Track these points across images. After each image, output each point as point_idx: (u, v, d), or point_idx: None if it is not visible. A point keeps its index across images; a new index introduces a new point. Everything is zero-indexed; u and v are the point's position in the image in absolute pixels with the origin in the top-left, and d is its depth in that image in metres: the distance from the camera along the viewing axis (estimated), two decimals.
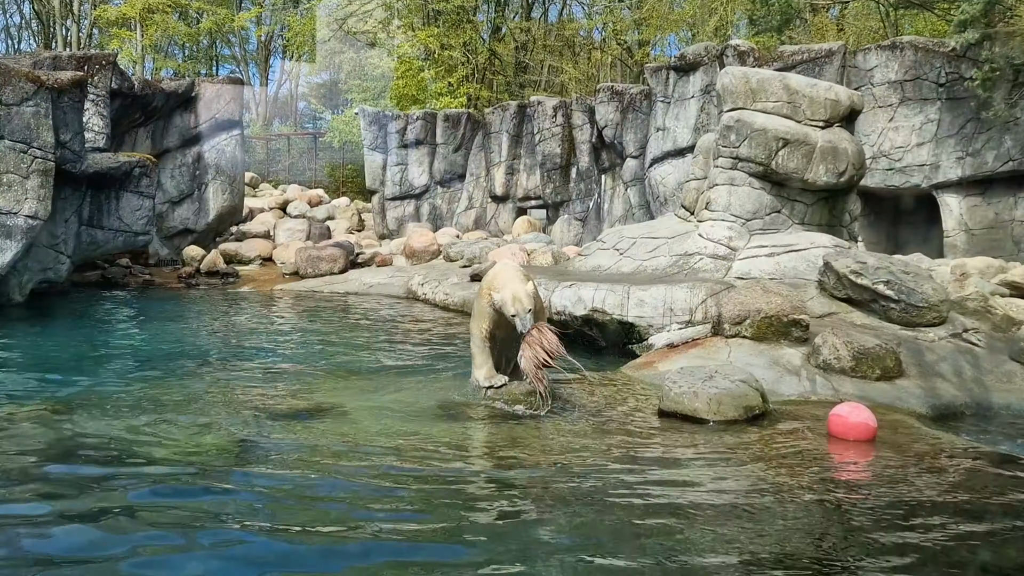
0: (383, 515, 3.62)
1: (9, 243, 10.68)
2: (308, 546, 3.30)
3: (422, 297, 13.71)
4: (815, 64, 15.07)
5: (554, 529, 3.49)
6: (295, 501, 3.83)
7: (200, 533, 3.39)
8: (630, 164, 18.68)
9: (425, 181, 21.47)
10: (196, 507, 3.73)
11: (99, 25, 34.62)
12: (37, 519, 3.56)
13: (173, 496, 3.89)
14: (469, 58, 27.64)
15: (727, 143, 9.60)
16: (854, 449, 4.90)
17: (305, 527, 3.46)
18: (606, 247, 10.50)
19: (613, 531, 3.48)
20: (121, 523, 3.51)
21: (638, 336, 7.92)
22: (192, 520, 3.55)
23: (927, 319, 7.42)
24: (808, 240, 9.09)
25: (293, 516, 3.62)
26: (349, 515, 3.63)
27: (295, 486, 4.04)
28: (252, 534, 3.39)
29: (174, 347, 8.96)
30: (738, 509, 3.76)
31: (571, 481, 4.11)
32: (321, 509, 3.71)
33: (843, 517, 3.74)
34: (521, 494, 4.00)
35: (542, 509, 3.78)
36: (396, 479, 4.12)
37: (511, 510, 3.75)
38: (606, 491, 3.94)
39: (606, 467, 4.38)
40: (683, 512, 3.68)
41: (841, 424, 5.06)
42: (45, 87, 11.04)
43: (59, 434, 4.97)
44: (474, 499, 3.87)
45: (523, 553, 3.23)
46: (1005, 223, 13.98)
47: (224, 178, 18.69)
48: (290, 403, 5.82)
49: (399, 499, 3.83)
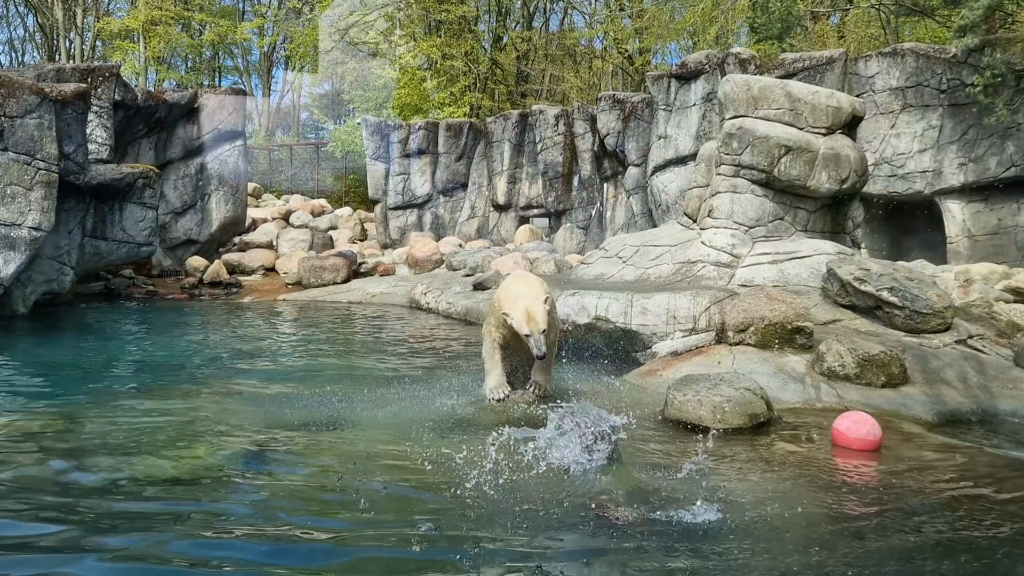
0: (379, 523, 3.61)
1: (13, 255, 10.70)
2: (310, 553, 3.29)
3: (425, 306, 13.70)
4: (816, 71, 15.09)
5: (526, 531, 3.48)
6: (299, 510, 3.82)
7: (201, 542, 3.39)
8: (632, 172, 18.71)
9: (427, 190, 21.51)
10: (198, 517, 3.72)
11: (102, 37, 34.80)
12: (39, 528, 3.55)
13: (174, 506, 3.88)
14: (471, 68, 27.74)
15: (729, 151, 9.60)
16: (859, 457, 4.87)
17: (308, 537, 3.45)
18: (609, 255, 10.50)
19: (615, 538, 3.47)
20: (123, 531, 3.50)
21: (642, 344, 7.90)
22: (194, 529, 3.54)
23: (931, 325, 7.39)
24: (811, 247, 9.08)
25: (296, 527, 3.61)
26: (349, 526, 3.61)
27: (299, 496, 4.03)
28: (253, 543, 3.38)
29: (177, 358, 8.95)
30: (741, 517, 3.73)
31: (568, 488, 4.09)
32: (326, 521, 3.70)
33: (848, 526, 3.72)
34: (524, 505, 3.98)
35: (542, 514, 3.76)
36: (396, 496, 4.10)
37: (520, 522, 3.73)
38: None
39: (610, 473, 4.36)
40: (683, 520, 3.66)
41: (843, 440, 5.03)
42: (49, 99, 11.09)
43: (62, 444, 4.96)
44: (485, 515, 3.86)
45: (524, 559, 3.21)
46: (1008, 229, 13.97)
47: (227, 189, 18.74)
48: (293, 414, 5.81)
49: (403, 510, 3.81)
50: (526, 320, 5.35)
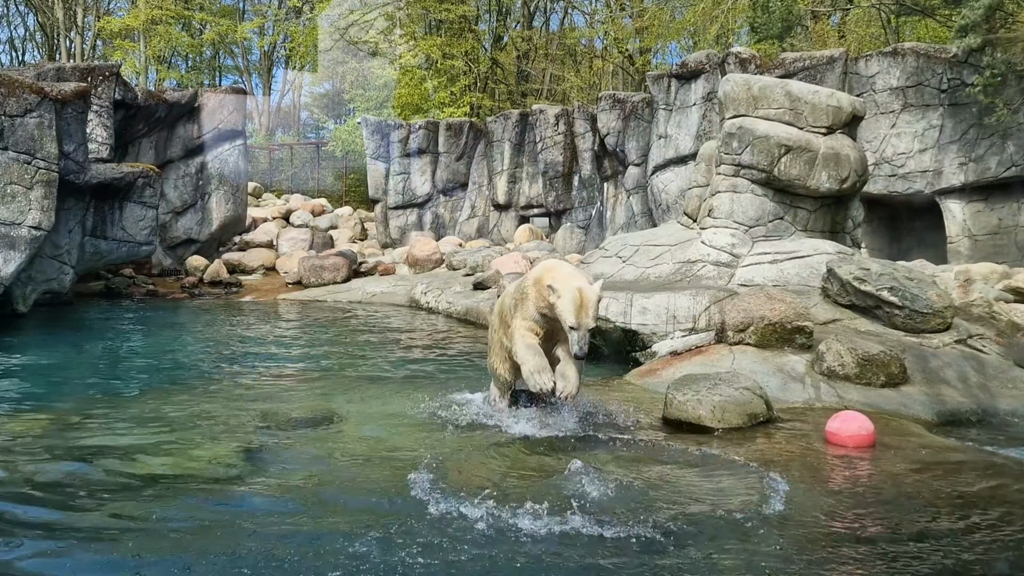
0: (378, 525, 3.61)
1: (13, 254, 10.70)
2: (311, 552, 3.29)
3: (425, 306, 13.71)
4: (817, 71, 15.08)
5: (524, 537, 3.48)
6: (300, 509, 3.82)
7: (202, 540, 3.39)
8: (632, 172, 18.70)
9: (428, 190, 21.51)
10: (199, 515, 3.72)
11: (103, 37, 34.80)
12: (39, 527, 3.55)
13: (176, 504, 3.88)
14: (471, 67, 27.73)
15: (729, 150, 9.60)
16: (859, 456, 4.86)
17: (310, 535, 3.45)
18: (609, 255, 10.50)
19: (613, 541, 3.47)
20: (126, 531, 3.50)
21: (641, 344, 7.90)
22: (195, 528, 3.55)
23: (931, 325, 7.39)
24: (811, 247, 9.08)
25: (298, 524, 3.61)
26: (351, 525, 3.61)
27: (300, 495, 4.03)
28: (256, 541, 3.38)
29: (177, 357, 8.96)
30: (739, 517, 3.73)
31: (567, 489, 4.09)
32: (327, 518, 3.70)
33: (846, 526, 3.72)
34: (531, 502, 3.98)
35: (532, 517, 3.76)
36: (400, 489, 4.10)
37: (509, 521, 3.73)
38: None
39: (611, 475, 4.35)
40: (682, 519, 3.66)
41: (836, 439, 5.05)
42: (49, 98, 11.08)
43: (63, 443, 4.97)
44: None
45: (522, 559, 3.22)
46: (1009, 229, 13.96)
47: (227, 188, 18.74)
48: (293, 413, 5.80)
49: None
50: (577, 306, 4.49)
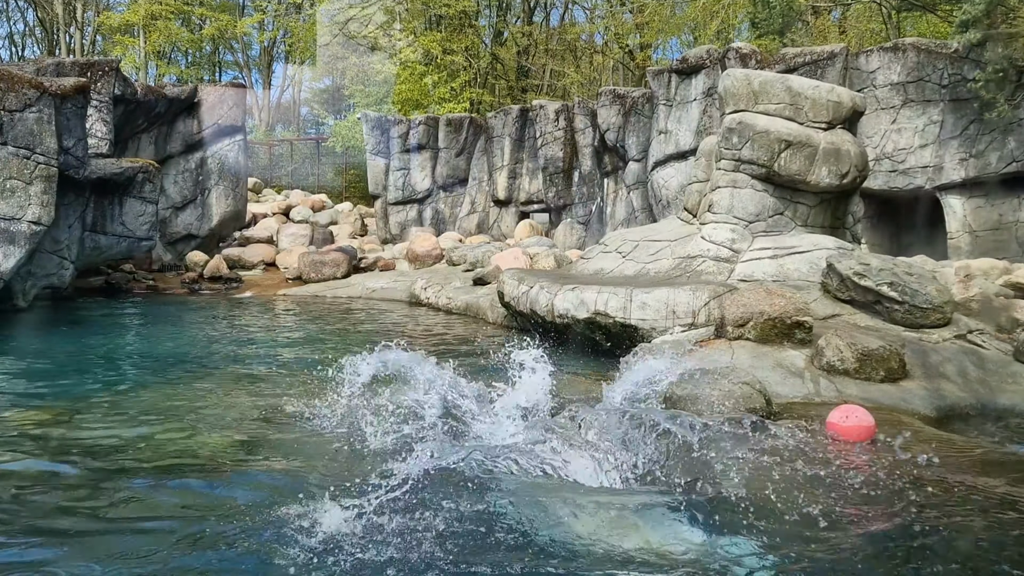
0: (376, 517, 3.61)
1: (13, 249, 10.70)
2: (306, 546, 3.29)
3: (425, 302, 13.71)
4: (817, 66, 15.06)
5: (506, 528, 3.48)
6: (298, 503, 3.82)
7: (202, 532, 3.39)
8: (632, 167, 18.69)
9: (428, 185, 21.49)
10: (198, 507, 3.73)
11: (102, 32, 34.77)
12: (39, 524, 3.56)
13: (175, 497, 3.89)
14: (471, 63, 27.70)
15: (729, 145, 9.59)
16: (858, 451, 4.87)
17: (307, 529, 3.45)
18: (609, 250, 10.50)
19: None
20: (123, 524, 3.51)
21: (641, 339, 7.90)
22: (194, 520, 3.55)
23: (931, 320, 7.39)
24: (811, 242, 9.07)
25: (295, 520, 3.61)
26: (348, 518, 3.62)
27: (299, 488, 4.03)
28: (253, 534, 3.38)
29: (177, 352, 8.96)
30: (739, 511, 3.74)
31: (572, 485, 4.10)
32: (325, 511, 3.70)
33: (845, 520, 3.72)
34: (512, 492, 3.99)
35: (520, 511, 3.77)
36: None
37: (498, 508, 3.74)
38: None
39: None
40: (681, 510, 3.67)
41: (837, 429, 5.10)
42: (48, 93, 11.07)
43: (62, 438, 4.97)
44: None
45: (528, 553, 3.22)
46: (1009, 224, 13.95)
47: (227, 183, 18.73)
48: (293, 408, 5.81)
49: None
50: None
